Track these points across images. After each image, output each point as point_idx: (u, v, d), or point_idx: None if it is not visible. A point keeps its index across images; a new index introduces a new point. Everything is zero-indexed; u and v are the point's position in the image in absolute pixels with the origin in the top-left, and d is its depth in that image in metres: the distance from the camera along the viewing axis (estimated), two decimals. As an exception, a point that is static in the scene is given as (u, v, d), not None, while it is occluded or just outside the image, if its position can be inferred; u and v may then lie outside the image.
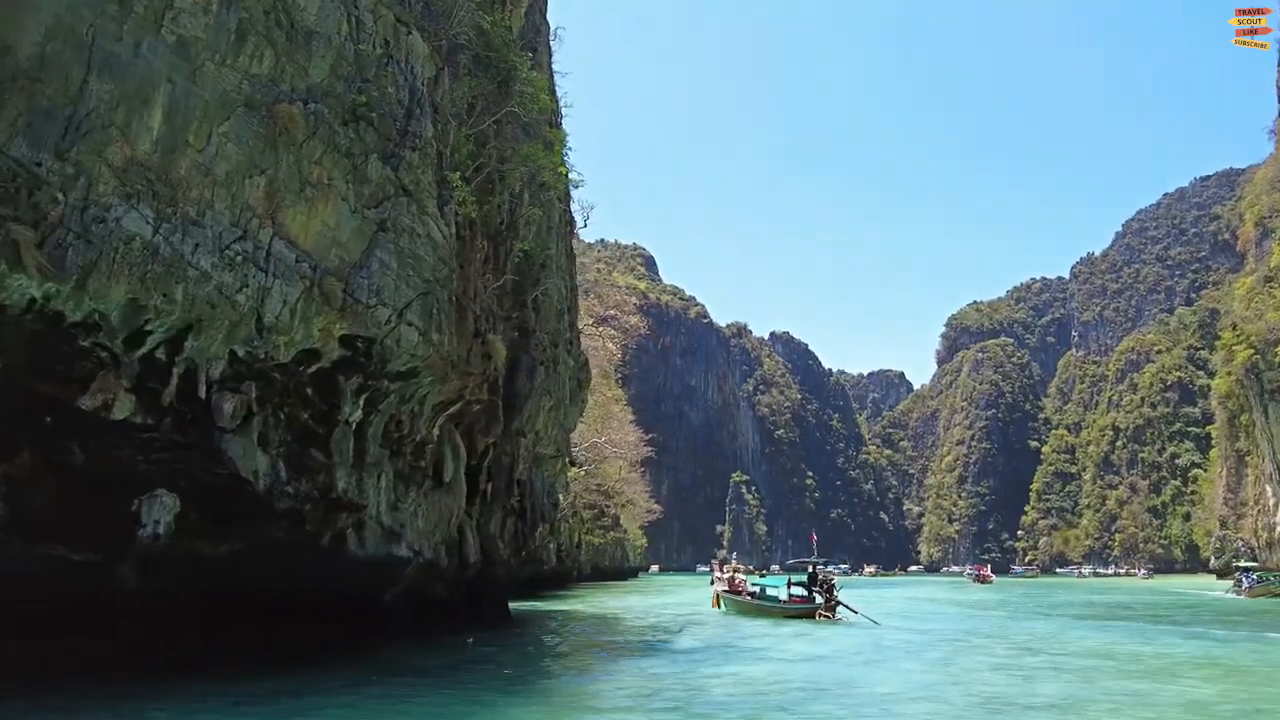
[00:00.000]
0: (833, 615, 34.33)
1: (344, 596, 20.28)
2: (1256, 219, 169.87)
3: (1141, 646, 24.54)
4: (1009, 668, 20.53)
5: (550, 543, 58.77)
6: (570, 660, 21.40)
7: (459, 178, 21.43)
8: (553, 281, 34.70)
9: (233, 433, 17.12)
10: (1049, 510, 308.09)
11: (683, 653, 23.41)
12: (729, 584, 42.11)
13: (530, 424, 31.82)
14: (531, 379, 31.50)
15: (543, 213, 35.05)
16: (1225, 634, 29.91)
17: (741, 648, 24.52)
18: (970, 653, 22.54)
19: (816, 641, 26.08)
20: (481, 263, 23.77)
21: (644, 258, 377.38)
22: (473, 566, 27.66)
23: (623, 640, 27.71)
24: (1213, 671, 20.24)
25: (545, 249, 35.16)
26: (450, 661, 20.62)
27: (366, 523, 19.74)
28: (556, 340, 34.63)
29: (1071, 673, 19.39)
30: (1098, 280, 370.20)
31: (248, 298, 16.32)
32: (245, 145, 16.62)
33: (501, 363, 23.06)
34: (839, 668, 19.80)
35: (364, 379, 18.88)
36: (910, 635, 28.60)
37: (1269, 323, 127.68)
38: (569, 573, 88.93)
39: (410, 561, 21.32)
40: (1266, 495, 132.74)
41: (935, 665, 19.73)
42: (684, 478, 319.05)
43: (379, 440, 19.99)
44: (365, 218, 18.67)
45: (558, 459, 36.02)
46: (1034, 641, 26.67)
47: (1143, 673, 19.37)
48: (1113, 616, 39.60)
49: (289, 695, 15.76)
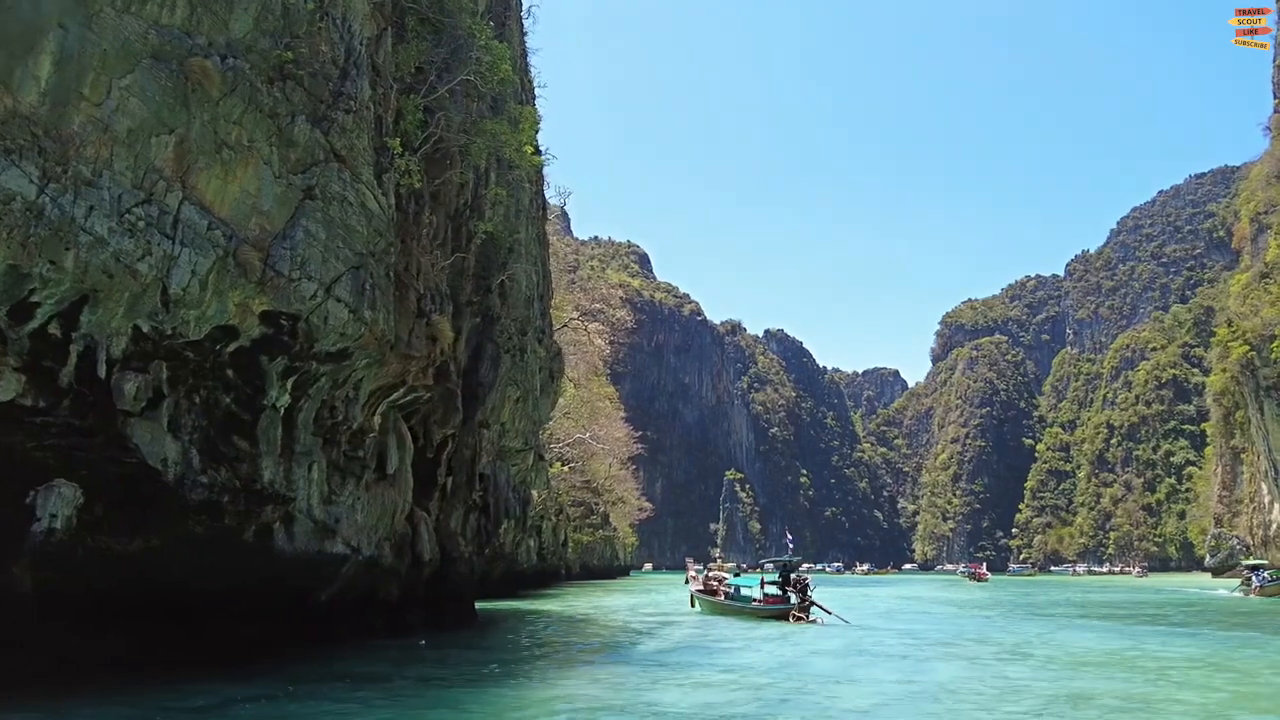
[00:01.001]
0: (806, 616, 33.03)
1: (275, 596, 18.74)
2: (1252, 215, 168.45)
3: (1164, 650, 22.84)
4: (994, 672, 19.07)
5: (529, 540, 57.23)
6: (522, 665, 19.88)
7: (399, 144, 19.87)
8: (520, 266, 33.14)
9: (138, 417, 15.56)
10: (1043, 508, 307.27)
11: (645, 657, 21.90)
12: (704, 584, 40.72)
13: (494, 415, 30.28)
14: (495, 368, 29.98)
15: (509, 194, 33.52)
16: (1241, 636, 28.03)
17: (708, 651, 23.02)
18: (952, 659, 21.01)
19: (789, 645, 24.56)
20: (429, 238, 22.23)
21: (638, 255, 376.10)
22: (429, 565, 26.12)
23: (587, 643, 26.21)
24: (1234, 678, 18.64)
25: (513, 233, 33.62)
26: (390, 666, 19.08)
27: (296, 517, 18.19)
28: (525, 328, 33.08)
29: (1087, 682, 17.88)
30: (1093, 278, 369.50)
31: (150, 267, 14.76)
32: (152, 101, 15.06)
33: (448, 346, 21.49)
34: (808, 675, 18.29)
35: (290, 360, 17.32)
36: (891, 638, 27.03)
37: (1265, 319, 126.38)
38: (556, 571, 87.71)
39: (347, 559, 19.79)
40: (1262, 493, 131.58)
41: (912, 672, 18.21)
42: (678, 476, 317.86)
43: (310, 427, 18.45)
44: (290, 184, 17.13)
45: (526, 452, 34.43)
46: (1025, 645, 25.12)
47: (1169, 683, 17.79)
48: (1117, 618, 37.87)
49: (212, 700, 14.31)
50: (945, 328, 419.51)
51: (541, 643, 26.29)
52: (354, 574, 20.40)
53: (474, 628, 29.55)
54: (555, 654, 22.79)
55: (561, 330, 75.03)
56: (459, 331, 27.59)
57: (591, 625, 32.40)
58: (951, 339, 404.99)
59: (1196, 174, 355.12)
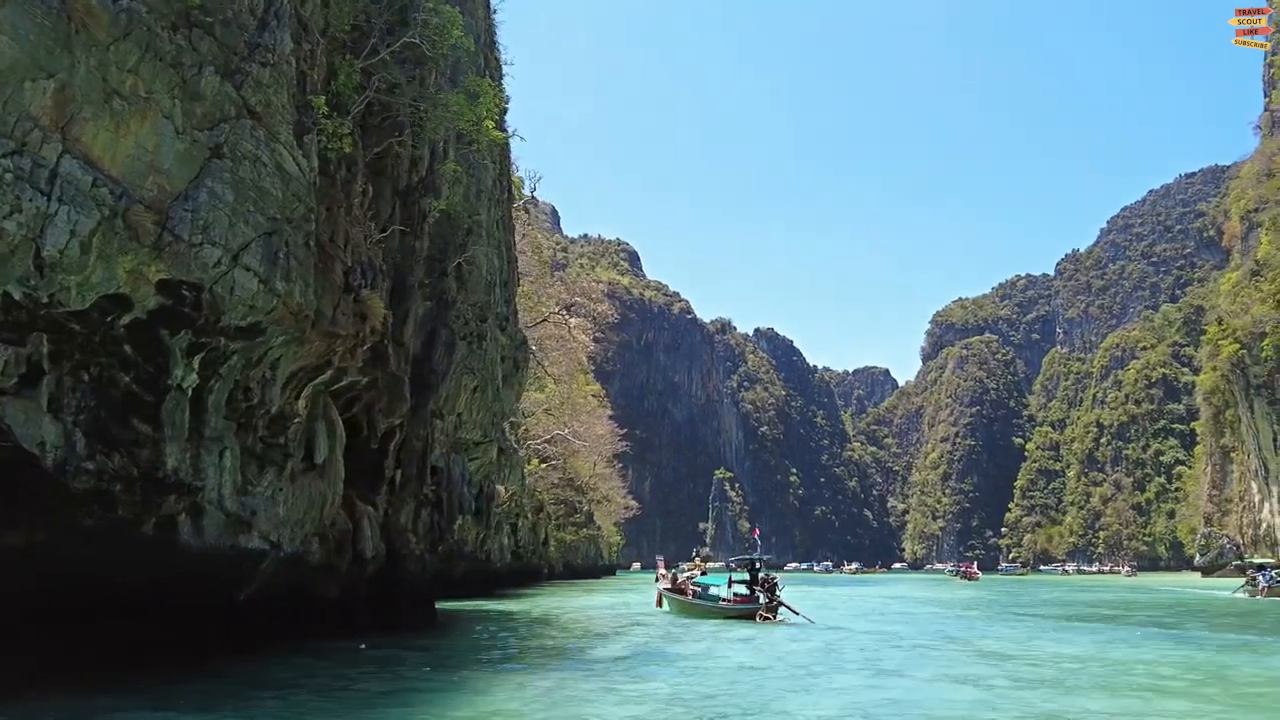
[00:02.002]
0: (774, 616, 31.54)
1: (185, 596, 17.08)
2: (1243, 213, 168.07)
3: (1171, 657, 21.17)
4: (967, 680, 17.52)
5: (501, 538, 55.60)
6: (459, 671, 18.28)
7: (324, 102, 18.24)
8: (481, 249, 31.49)
9: (11, 395, 13.90)
10: (1033, 507, 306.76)
11: (595, 663, 20.31)
12: (672, 583, 39.17)
13: (448, 405, 28.62)
14: (450, 354, 28.34)
15: (469, 173, 31.90)
16: (1262, 642, 26.17)
17: (663, 657, 21.43)
18: (924, 665, 19.42)
19: (756, 648, 22.97)
20: (362, 208, 20.57)
21: (627, 253, 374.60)
22: (373, 562, 24.48)
23: (545, 645, 24.60)
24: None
25: (473, 214, 31.97)
26: (314, 671, 17.48)
27: (205, 508, 16.54)
28: (485, 314, 31.41)
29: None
30: (1083, 277, 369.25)
31: (20, 225, 13.10)
32: (25, 40, 13.39)
33: (380, 325, 19.83)
34: (763, 684, 16.72)
35: (194, 335, 15.66)
36: (864, 641, 25.40)
37: (1255, 317, 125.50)
38: (537, 570, 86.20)
39: (266, 555, 18.13)
40: (1252, 492, 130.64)
41: (876, 682, 16.62)
42: (667, 474, 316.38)
43: (222, 411, 16.79)
44: (195, 141, 15.47)
45: (487, 445, 32.79)
46: (1008, 650, 23.55)
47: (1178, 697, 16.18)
48: (1112, 620, 35.99)
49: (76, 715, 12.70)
50: (936, 327, 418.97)
51: (493, 646, 24.69)
52: (275, 571, 18.74)
53: (429, 629, 27.91)
54: (501, 659, 21.16)
55: (541, 325, 73.51)
56: (407, 314, 25.99)
57: (553, 627, 30.80)
58: (942, 338, 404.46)
59: (1187, 173, 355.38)
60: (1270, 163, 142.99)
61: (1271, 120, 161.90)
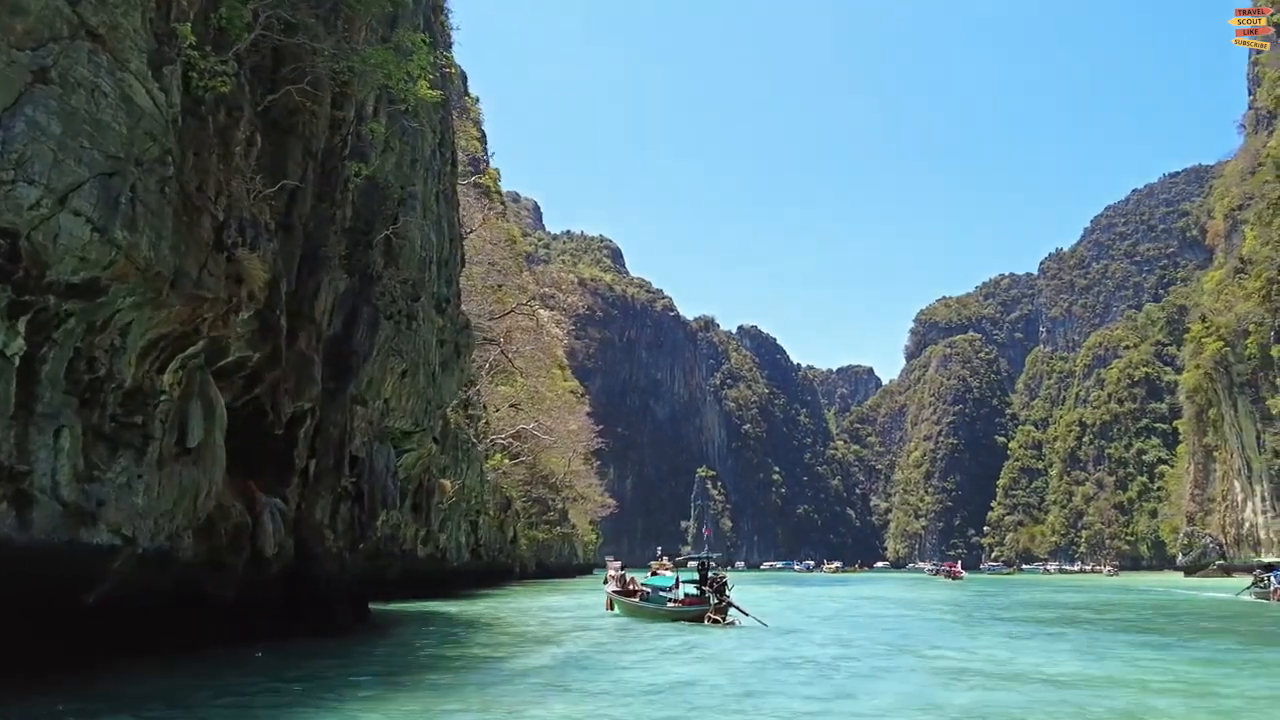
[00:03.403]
0: (723, 619, 29.27)
1: (12, 600, 14.62)
2: (1227, 211, 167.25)
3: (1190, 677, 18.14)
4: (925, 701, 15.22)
5: (459, 536, 53.12)
6: (348, 686, 15.89)
7: (189, 30, 15.80)
8: (414, 222, 29.04)
9: None
10: (1015, 506, 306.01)
11: (514, 675, 17.96)
12: (620, 584, 36.85)
13: (372, 390, 26.15)
14: (373, 334, 25.88)
15: (404, 141, 29.51)
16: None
17: (597, 668, 19.07)
18: (885, 683, 17.04)
19: (697, 658, 20.56)
20: (246, 159, 18.11)
21: (610, 249, 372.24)
22: (277, 560, 22.03)
23: (466, 654, 22.14)
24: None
25: (406, 184, 29.57)
26: (184, 684, 15.10)
27: (36, 497, 14.11)
28: (417, 293, 28.95)
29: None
30: (1066, 276, 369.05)
31: None
32: None
33: (260, 290, 17.38)
34: (692, 702, 14.39)
35: (15, 291, 13.23)
36: (821, 649, 22.91)
37: (1239, 314, 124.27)
38: (508, 570, 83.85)
39: (119, 551, 15.72)
40: (1235, 491, 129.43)
41: (828, 706, 14.25)
42: (649, 472, 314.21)
43: (60, 384, 14.36)
44: (13, 61, 13.01)
45: (420, 436, 30.32)
46: (981, 663, 21.19)
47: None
48: (1105, 625, 32.95)
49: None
50: (919, 325, 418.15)
51: (411, 653, 22.28)
52: (134, 570, 16.30)
53: (355, 633, 25.52)
54: (406, 668, 18.74)
55: (510, 316, 71.07)
56: (319, 288, 23.56)
57: (490, 631, 28.36)
58: (926, 336, 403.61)
59: (1170, 173, 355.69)
60: (1255, 159, 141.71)
61: (1256, 118, 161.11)
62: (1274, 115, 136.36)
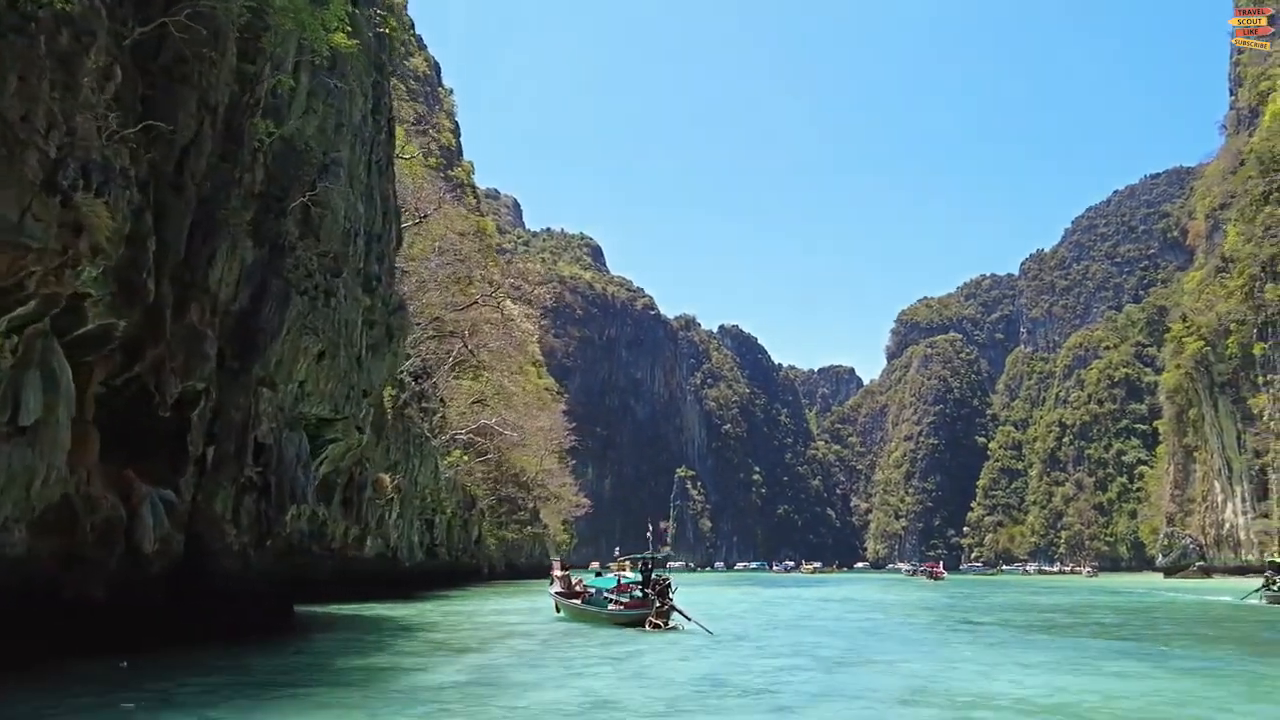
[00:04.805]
0: (665, 623, 26.96)
1: None
2: (1208, 210, 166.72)
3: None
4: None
5: (411, 535, 50.62)
6: (211, 704, 13.47)
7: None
8: (337, 191, 26.52)
9: None
10: (995, 507, 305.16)
11: (418, 690, 15.57)
12: (565, 585, 34.47)
13: (282, 371, 23.67)
14: (282, 310, 23.37)
15: (326, 102, 27.01)
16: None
17: (508, 684, 16.69)
18: (831, 708, 14.68)
19: (624, 674, 18.08)
20: (99, 94, 15.60)
21: (590, 247, 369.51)
22: (159, 558, 19.54)
23: (374, 665, 19.65)
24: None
25: (331, 149, 27.08)
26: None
27: None
28: (340, 268, 26.46)
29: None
30: (1047, 277, 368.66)
31: None
32: None
33: (105, 241, 14.88)
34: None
35: None
36: (768, 663, 19.99)
37: (1220, 314, 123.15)
38: (476, 570, 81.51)
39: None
40: (1215, 491, 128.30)
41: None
42: (628, 472, 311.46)
43: None
44: None
45: (343, 424, 27.79)
46: (958, 685, 18.68)
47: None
48: (1099, 632, 29.92)
49: None
50: (901, 325, 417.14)
51: (308, 661, 19.81)
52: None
53: (267, 637, 23.06)
54: (290, 682, 16.26)
55: (475, 309, 68.48)
56: (214, 255, 21.04)
57: (418, 637, 25.85)
58: (907, 336, 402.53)
59: (1151, 174, 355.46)
60: (1236, 159, 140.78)
61: (1237, 118, 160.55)
62: (1256, 115, 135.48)
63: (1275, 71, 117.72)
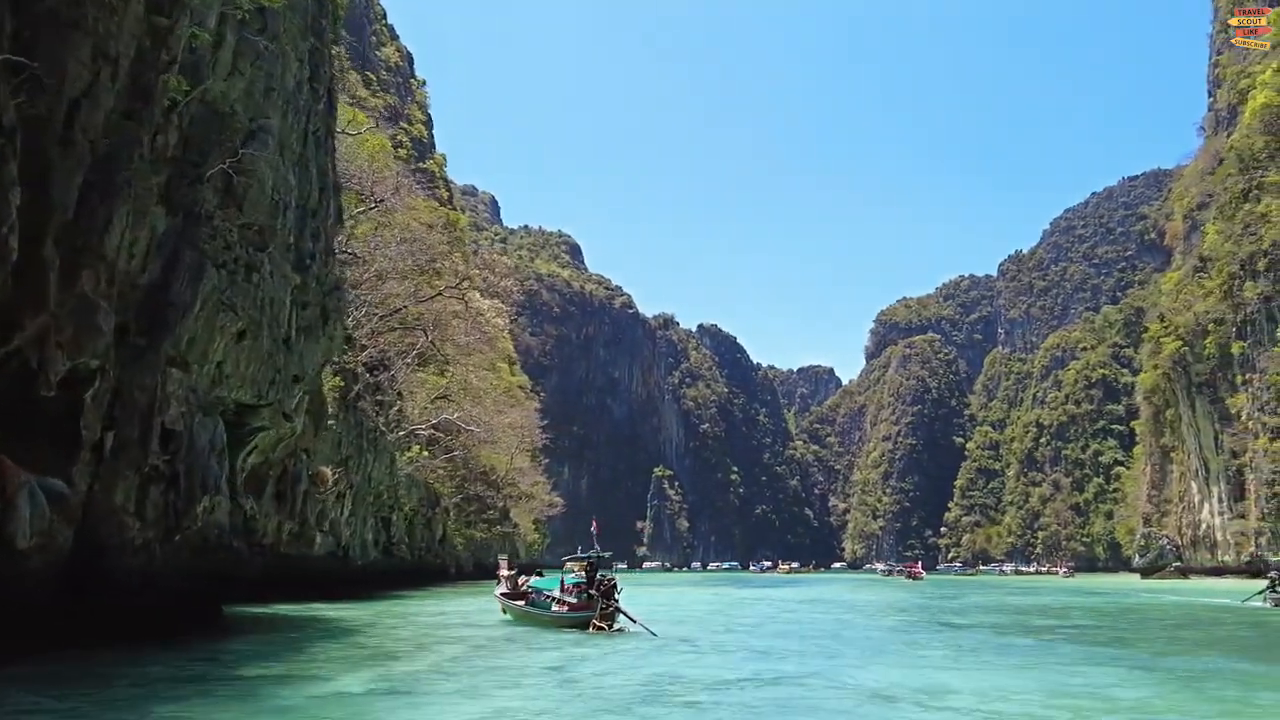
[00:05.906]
0: (609, 625, 25.28)
1: None
2: (1186, 211, 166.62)
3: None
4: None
5: (365, 532, 48.59)
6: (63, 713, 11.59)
7: None
8: (264, 159, 24.58)
9: None
10: (972, 507, 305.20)
11: (321, 702, 13.74)
12: (511, 586, 32.67)
13: (195, 351, 21.70)
14: (195, 284, 21.38)
15: (254, 65, 25.06)
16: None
17: (420, 695, 14.88)
18: (783, 717, 12.87)
19: (551, 683, 16.20)
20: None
21: (569, 245, 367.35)
22: (40, 553, 17.56)
23: (281, 673, 17.69)
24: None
25: (259, 115, 25.13)
26: None
27: None
28: (265, 242, 24.50)
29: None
30: (1025, 278, 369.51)
31: None
32: None
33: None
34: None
35: None
36: (717, 672, 18.00)
37: (1198, 314, 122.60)
38: (443, 569, 79.63)
39: None
40: (1192, 492, 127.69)
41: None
42: (604, 472, 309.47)
43: None
44: None
45: (269, 411, 25.81)
46: (928, 698, 16.83)
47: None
48: (1094, 639, 28.15)
49: None
50: (879, 325, 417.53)
51: (203, 667, 17.91)
52: None
53: (179, 639, 21.18)
54: (172, 695, 14.38)
55: (439, 301, 66.36)
56: (110, 219, 19.03)
57: (349, 640, 23.90)
58: (885, 337, 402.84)
59: (1129, 176, 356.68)
60: (1215, 160, 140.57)
61: (1216, 119, 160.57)
62: (1234, 116, 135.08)
63: (1256, 69, 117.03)
